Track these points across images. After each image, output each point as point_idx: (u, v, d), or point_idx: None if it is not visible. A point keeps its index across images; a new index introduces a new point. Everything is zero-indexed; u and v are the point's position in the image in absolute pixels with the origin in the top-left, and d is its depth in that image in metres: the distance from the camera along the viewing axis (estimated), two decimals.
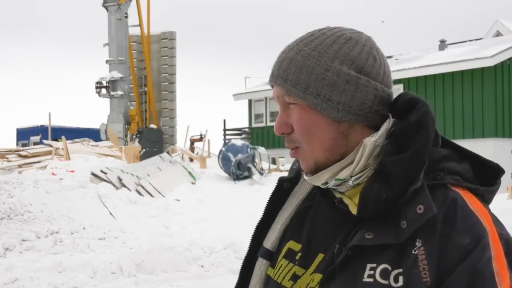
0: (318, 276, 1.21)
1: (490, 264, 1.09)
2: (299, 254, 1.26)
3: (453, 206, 1.13)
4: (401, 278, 1.10)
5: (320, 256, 1.22)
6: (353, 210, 1.20)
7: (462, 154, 1.22)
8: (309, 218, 1.30)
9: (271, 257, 1.33)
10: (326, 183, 1.24)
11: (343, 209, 1.23)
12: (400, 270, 1.11)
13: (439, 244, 1.11)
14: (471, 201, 1.15)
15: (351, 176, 1.21)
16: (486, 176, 1.21)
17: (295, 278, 1.25)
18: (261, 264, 1.34)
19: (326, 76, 1.19)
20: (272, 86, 1.28)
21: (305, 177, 1.29)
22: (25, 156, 16.79)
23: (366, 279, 1.13)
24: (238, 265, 10.68)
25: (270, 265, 1.32)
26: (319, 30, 1.25)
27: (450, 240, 1.10)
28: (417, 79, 24.01)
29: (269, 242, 1.34)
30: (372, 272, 1.13)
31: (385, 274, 1.12)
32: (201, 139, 22.91)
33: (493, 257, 1.09)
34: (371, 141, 1.20)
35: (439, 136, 1.22)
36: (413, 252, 1.11)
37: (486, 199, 1.20)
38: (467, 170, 1.20)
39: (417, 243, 1.11)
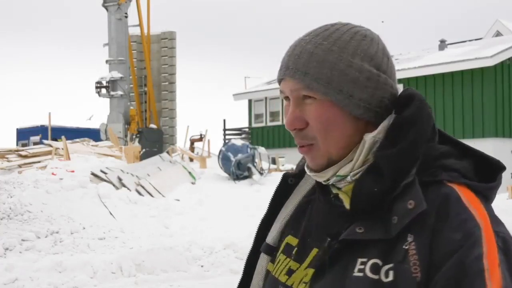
0: (311, 271, 1.21)
1: (480, 260, 1.06)
2: (296, 249, 1.27)
3: (445, 202, 1.12)
4: (391, 273, 1.10)
5: (315, 251, 1.23)
6: (347, 205, 1.20)
7: (463, 151, 1.22)
8: (307, 213, 1.30)
9: (272, 252, 1.33)
10: (328, 179, 1.24)
11: (338, 204, 1.23)
12: (391, 265, 1.11)
13: (431, 239, 1.10)
14: (467, 197, 1.14)
15: (351, 172, 1.21)
16: (488, 173, 1.19)
17: (290, 272, 1.25)
18: (262, 260, 1.34)
19: (349, 72, 1.18)
20: (279, 81, 1.26)
21: (308, 173, 1.29)
22: (25, 156, 16.80)
23: (356, 274, 1.13)
24: (238, 265, 10.73)
25: (271, 261, 1.33)
26: (332, 25, 1.24)
27: (441, 236, 1.10)
28: (417, 79, 24.02)
29: (271, 237, 1.34)
30: (362, 266, 1.13)
31: (375, 269, 1.12)
32: (201, 139, 22.91)
33: (484, 253, 1.07)
34: (370, 136, 1.20)
35: (436, 133, 1.22)
36: (403, 247, 1.10)
37: (487, 196, 1.18)
38: (466, 167, 1.18)
39: (408, 238, 1.11)
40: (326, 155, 1.22)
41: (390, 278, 1.10)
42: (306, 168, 1.30)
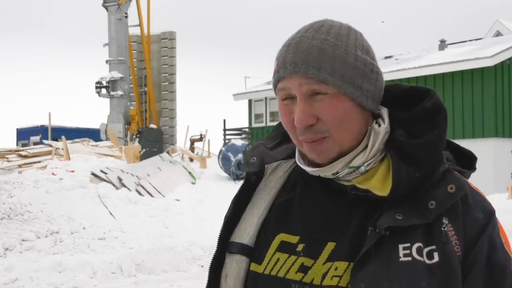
0: (342, 264, 1.19)
1: (499, 235, 1.23)
2: (302, 245, 1.23)
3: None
4: (435, 254, 1.16)
5: (331, 245, 1.21)
6: (380, 193, 1.20)
7: None
8: (296, 210, 1.27)
9: (250, 252, 1.28)
10: (337, 172, 1.23)
11: (356, 194, 1.22)
12: (433, 247, 1.17)
13: (462, 220, 1.20)
14: (469, 182, 1.27)
15: (364, 162, 1.23)
16: (463, 162, 1.32)
17: (304, 269, 1.21)
18: (239, 261, 1.28)
19: (357, 65, 1.21)
20: (279, 80, 1.23)
21: (308, 169, 1.27)
22: (25, 156, 16.80)
23: (403, 259, 1.16)
24: None
25: (254, 261, 1.27)
26: (323, 21, 1.26)
27: (468, 216, 1.20)
28: (417, 79, 24.00)
29: (246, 237, 1.29)
30: (407, 251, 1.16)
31: (420, 252, 1.17)
32: (201, 139, 22.95)
33: (500, 229, 1.24)
34: (383, 127, 1.24)
35: None
36: (442, 229, 1.18)
37: None
38: (451, 157, 1.31)
39: (444, 221, 1.18)
40: (338, 147, 1.22)
41: (436, 259, 1.16)
42: (302, 164, 1.28)
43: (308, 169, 1.27)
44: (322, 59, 1.19)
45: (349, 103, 1.20)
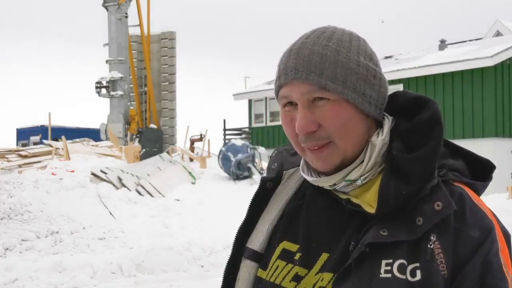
0: (327, 275, 1.19)
1: (498, 255, 1.14)
2: (299, 255, 1.24)
3: (461, 201, 1.16)
4: (418, 272, 1.12)
5: (325, 256, 1.21)
6: (368, 208, 1.19)
7: (456, 151, 1.26)
8: (302, 218, 1.28)
9: (260, 258, 1.31)
10: (334, 184, 1.23)
11: (350, 208, 1.22)
12: (417, 264, 1.13)
13: (453, 238, 1.14)
14: (473, 196, 1.20)
15: (361, 176, 1.21)
16: (478, 172, 1.25)
17: (297, 278, 1.23)
18: (249, 266, 1.31)
19: (359, 71, 1.19)
20: (280, 87, 1.23)
21: (308, 178, 1.27)
22: (25, 156, 16.79)
23: (383, 275, 1.13)
24: None
25: (260, 267, 1.30)
26: (325, 28, 1.25)
27: (461, 234, 1.14)
28: (417, 79, 24.01)
29: (257, 243, 1.31)
30: (388, 268, 1.14)
31: (402, 269, 1.13)
32: (201, 139, 22.93)
33: (500, 248, 1.15)
34: (380, 139, 1.21)
35: None
36: (429, 246, 1.13)
37: (479, 194, 1.24)
38: (463, 166, 1.24)
39: (432, 237, 1.14)
40: (342, 153, 1.21)
41: (418, 277, 1.12)
42: (304, 173, 1.28)
43: (309, 178, 1.27)
44: (324, 65, 1.18)
45: (351, 109, 1.19)
